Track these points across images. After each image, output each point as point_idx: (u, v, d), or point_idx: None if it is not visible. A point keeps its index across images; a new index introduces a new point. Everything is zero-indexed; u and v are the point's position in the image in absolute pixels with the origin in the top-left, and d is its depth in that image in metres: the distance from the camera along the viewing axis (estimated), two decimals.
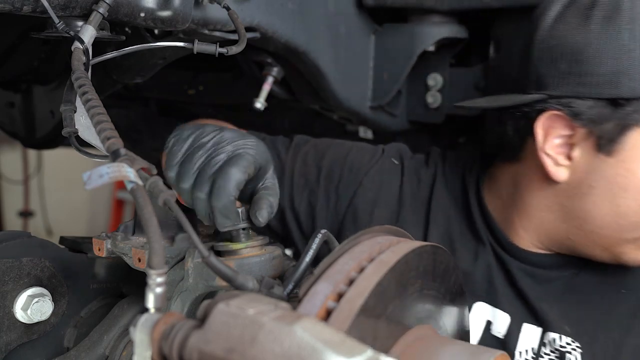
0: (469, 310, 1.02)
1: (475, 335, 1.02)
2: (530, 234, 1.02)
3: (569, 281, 1.02)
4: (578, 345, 0.97)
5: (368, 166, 1.17)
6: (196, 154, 0.78)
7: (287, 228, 1.19)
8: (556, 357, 0.98)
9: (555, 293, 1.01)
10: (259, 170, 0.80)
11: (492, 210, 1.07)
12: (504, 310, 1.02)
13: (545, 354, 0.99)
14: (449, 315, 0.74)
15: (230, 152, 0.77)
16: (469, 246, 1.08)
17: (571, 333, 0.97)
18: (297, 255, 1.07)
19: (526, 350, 1.00)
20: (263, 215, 0.77)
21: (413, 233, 1.06)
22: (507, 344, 1.00)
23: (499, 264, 1.05)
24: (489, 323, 1.03)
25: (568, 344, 0.97)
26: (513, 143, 1.02)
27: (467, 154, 1.18)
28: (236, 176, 0.74)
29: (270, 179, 0.82)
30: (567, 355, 0.97)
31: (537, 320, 1.00)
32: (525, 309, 1.01)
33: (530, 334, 1.00)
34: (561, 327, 0.98)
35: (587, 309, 0.99)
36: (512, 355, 1.00)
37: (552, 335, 0.98)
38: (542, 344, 0.99)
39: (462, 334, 0.79)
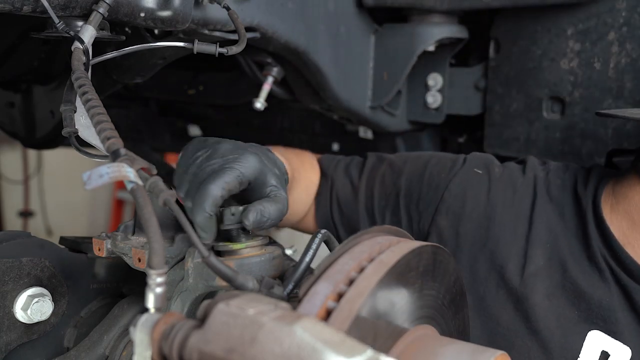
0: (583, 337, 0.96)
1: None
2: None
3: None
4: None
5: (447, 179, 1.07)
6: (189, 168, 0.81)
7: None
8: None
9: None
10: (249, 184, 0.81)
11: (615, 231, 0.97)
12: (625, 343, 0.94)
13: None
14: (449, 315, 0.74)
15: (217, 167, 0.78)
16: (585, 267, 0.98)
17: None
18: None
19: None
20: (249, 219, 0.75)
21: (509, 250, 1.00)
22: None
23: (622, 290, 0.96)
24: (605, 355, 0.95)
25: None
26: None
27: (575, 165, 1.08)
28: (213, 192, 0.75)
29: (275, 190, 0.81)
30: None
31: None
32: None
33: None
34: None
35: None
36: None
37: None
38: None
39: (462, 333, 0.79)
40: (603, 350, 0.95)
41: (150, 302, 0.51)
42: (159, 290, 0.51)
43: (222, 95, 1.65)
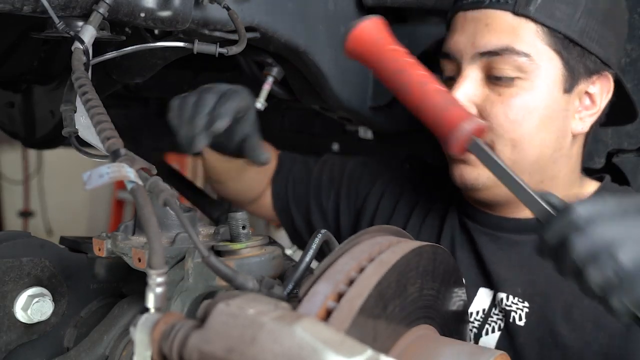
0: None
1: None
2: None
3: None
4: (526, 305, 1.00)
5: (384, 170, 1.30)
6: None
7: (312, 228, 1.29)
8: (503, 316, 1.01)
9: (517, 258, 1.03)
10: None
11: None
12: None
13: (495, 314, 1.03)
14: (448, 315, 0.74)
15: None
16: (439, 216, 1.15)
17: (522, 294, 1.00)
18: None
19: (477, 312, 1.04)
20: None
21: (402, 217, 1.20)
22: None
23: (463, 231, 1.11)
24: None
25: (514, 303, 1.01)
26: None
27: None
28: (233, 105, 0.93)
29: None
30: (512, 314, 1.00)
31: (491, 283, 1.04)
32: (482, 274, 1.05)
33: (484, 297, 1.04)
34: (512, 289, 1.01)
35: (546, 271, 1.00)
36: None
37: (500, 295, 1.02)
38: (493, 305, 1.03)
39: (462, 334, 0.79)
40: None
41: (150, 302, 0.51)
42: (159, 290, 0.51)
43: None
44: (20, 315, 0.78)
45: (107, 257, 0.82)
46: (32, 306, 0.78)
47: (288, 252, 1.15)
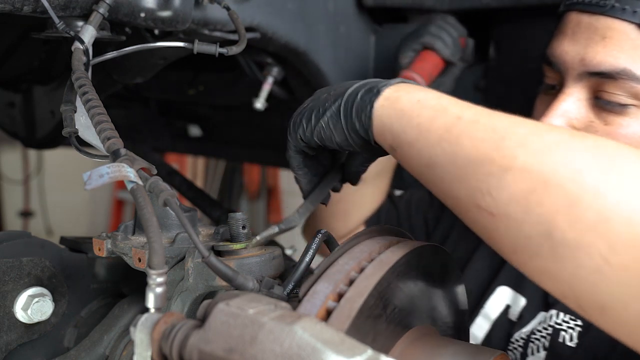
0: (492, 292, 1.05)
1: (493, 316, 1.05)
2: None
3: None
4: (579, 324, 0.93)
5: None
6: None
7: None
8: (548, 334, 0.95)
9: None
10: None
11: None
12: (523, 295, 1.02)
13: (538, 331, 0.96)
14: (448, 315, 0.74)
15: None
16: None
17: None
18: None
19: (525, 331, 0.99)
20: None
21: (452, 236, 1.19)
22: (515, 326, 1.00)
23: None
24: (507, 307, 1.03)
25: (565, 321, 0.94)
26: None
27: None
28: None
29: None
30: (561, 332, 0.93)
31: (549, 304, 0.98)
32: (544, 296, 0.99)
33: (540, 319, 0.98)
34: (564, 305, 0.96)
35: None
36: (510, 336, 1.00)
37: (551, 312, 0.96)
38: (541, 325, 0.97)
39: (462, 332, 0.79)
40: (507, 304, 1.05)
41: (150, 302, 0.51)
42: (159, 290, 0.51)
43: (222, 96, 1.65)
44: (20, 315, 0.78)
45: (107, 257, 0.82)
46: (32, 306, 0.78)
47: (288, 252, 1.15)
